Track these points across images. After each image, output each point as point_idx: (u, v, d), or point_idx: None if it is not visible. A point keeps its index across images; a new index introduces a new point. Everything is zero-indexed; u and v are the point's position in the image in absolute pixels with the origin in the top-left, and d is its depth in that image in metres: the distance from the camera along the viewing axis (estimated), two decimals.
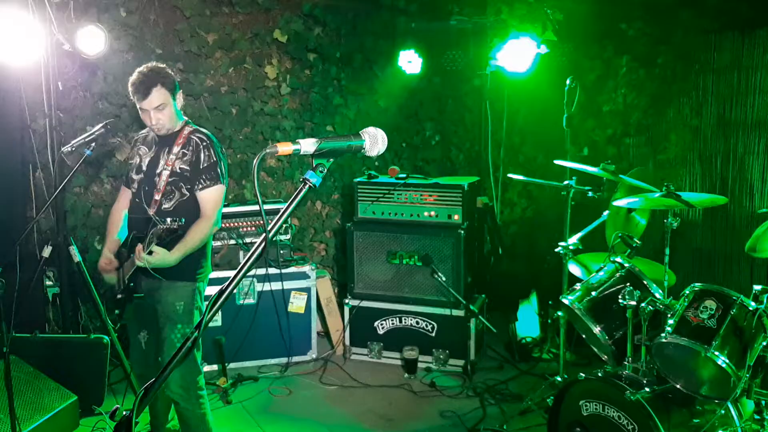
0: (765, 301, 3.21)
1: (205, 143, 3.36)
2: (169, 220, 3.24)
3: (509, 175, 4.93)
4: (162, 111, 3.29)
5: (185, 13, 5.27)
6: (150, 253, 3.12)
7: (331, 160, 1.48)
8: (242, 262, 1.44)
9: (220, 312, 4.88)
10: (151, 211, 3.34)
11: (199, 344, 3.39)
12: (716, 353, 2.99)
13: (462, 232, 4.97)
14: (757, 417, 3.35)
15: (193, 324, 3.35)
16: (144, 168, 3.44)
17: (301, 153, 1.44)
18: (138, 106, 3.32)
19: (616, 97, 5.40)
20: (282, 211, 1.43)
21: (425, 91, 6.02)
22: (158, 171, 3.37)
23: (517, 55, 4.96)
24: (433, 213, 5.08)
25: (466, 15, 5.31)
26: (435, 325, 5.02)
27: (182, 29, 5.29)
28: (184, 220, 3.27)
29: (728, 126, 4.88)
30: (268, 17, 5.57)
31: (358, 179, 5.26)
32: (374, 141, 1.54)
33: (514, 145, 6.08)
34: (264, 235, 1.39)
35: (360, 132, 1.54)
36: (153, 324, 3.41)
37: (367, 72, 5.88)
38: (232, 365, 4.91)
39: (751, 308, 3.15)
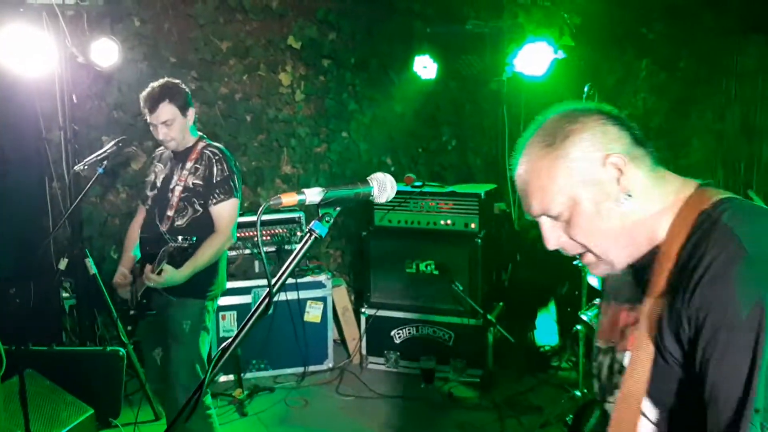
0: None
1: (217, 157, 3.34)
2: (180, 238, 3.22)
3: None
4: (170, 126, 3.27)
5: (199, 21, 5.25)
6: (159, 272, 3.10)
7: (339, 208, 1.44)
8: (249, 314, 1.40)
9: (235, 322, 4.92)
10: (163, 228, 3.32)
11: (204, 364, 3.35)
12: None
13: (479, 240, 4.91)
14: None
15: (198, 345, 3.33)
16: (158, 185, 3.43)
17: (307, 203, 1.40)
18: (148, 120, 3.31)
19: (636, 101, 5.30)
20: (287, 263, 1.39)
21: (441, 96, 5.95)
22: (171, 187, 3.35)
23: (534, 59, 4.88)
24: (449, 221, 5.02)
25: (482, 19, 5.23)
26: (452, 335, 4.97)
27: (196, 37, 5.27)
28: (195, 238, 3.24)
29: (752, 131, 4.77)
30: (281, 24, 5.53)
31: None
32: (383, 187, 1.49)
33: None
34: (267, 290, 1.35)
35: (368, 178, 1.49)
36: (165, 341, 3.40)
37: (382, 77, 5.82)
38: (247, 376, 4.90)
39: None
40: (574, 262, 4.13)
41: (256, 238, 5.02)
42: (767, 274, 1.17)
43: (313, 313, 5.09)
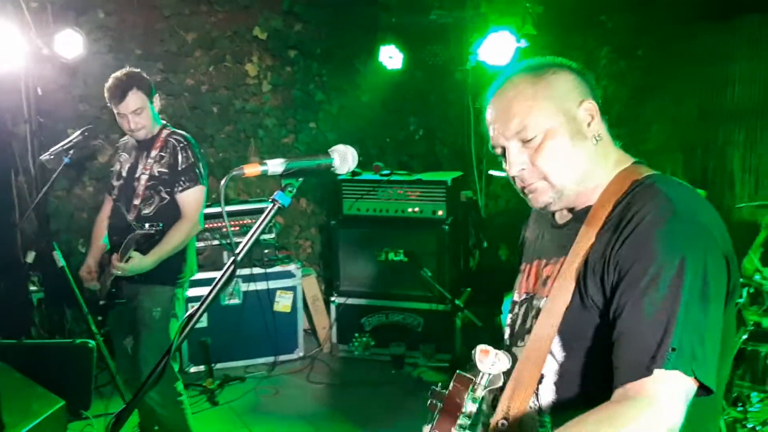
0: (744, 295, 3.25)
1: (182, 144, 3.35)
2: (147, 225, 3.24)
3: (490, 172, 4.94)
4: (140, 115, 3.28)
5: (164, 13, 5.24)
6: (127, 260, 3.12)
7: (301, 179, 1.48)
8: (215, 281, 1.44)
9: (205, 313, 4.92)
10: (130, 217, 3.33)
11: (175, 355, 3.39)
12: None
13: (446, 227, 4.98)
14: (739, 408, 3.39)
15: (169, 332, 3.35)
16: (124, 174, 3.43)
17: (269, 173, 1.44)
18: (115, 112, 3.31)
19: (597, 89, 5.40)
20: (250, 233, 1.43)
21: (408, 86, 6.01)
22: (137, 176, 3.36)
23: (498, 49, 4.95)
24: (417, 209, 5.09)
25: (445, 9, 5.29)
26: (421, 321, 5.04)
27: (161, 29, 5.26)
28: (162, 225, 3.27)
29: (708, 116, 4.90)
30: (247, 15, 5.54)
31: (342, 176, 5.22)
32: (344, 158, 1.54)
33: None
34: (232, 258, 1.40)
35: (329, 150, 1.54)
36: (135, 329, 3.41)
37: (349, 68, 5.86)
38: (218, 366, 4.91)
39: None
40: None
41: (224, 229, 5.04)
42: (691, 232, 1.28)
43: (283, 303, 5.12)
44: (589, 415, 1.23)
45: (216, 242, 5.04)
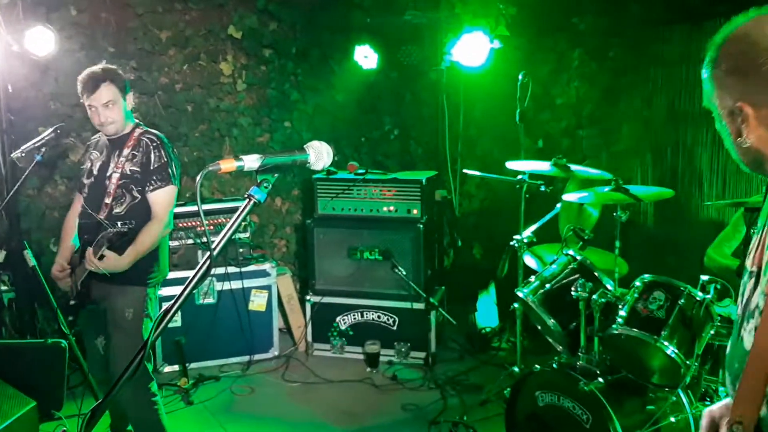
0: (711, 291, 3.31)
1: (155, 144, 3.34)
2: (119, 223, 3.23)
3: (464, 170, 4.98)
4: (111, 109, 3.26)
5: (137, 11, 5.20)
6: (101, 258, 3.10)
7: (276, 175, 1.50)
8: (190, 277, 1.45)
9: (179, 312, 4.90)
10: (101, 216, 3.31)
11: (149, 355, 3.37)
12: (665, 343, 3.07)
13: (421, 226, 5.02)
14: (707, 403, 3.47)
15: (142, 332, 3.34)
16: (95, 172, 3.41)
17: (245, 169, 1.45)
18: (86, 105, 3.29)
19: (569, 90, 5.48)
20: (226, 228, 1.44)
21: (383, 86, 6.04)
22: (108, 174, 3.34)
23: (471, 49, 5.00)
24: (392, 208, 5.12)
25: (420, 10, 5.32)
26: (396, 319, 5.07)
27: (134, 27, 5.22)
28: (134, 222, 3.26)
29: (678, 117, 4.99)
30: (221, 13, 5.52)
31: (317, 175, 5.26)
32: (319, 155, 1.56)
33: (472, 138, 6.13)
34: (208, 253, 1.40)
35: (305, 146, 1.56)
36: (107, 330, 3.38)
37: (324, 67, 5.87)
38: (193, 365, 4.89)
39: (698, 298, 3.25)
40: (513, 242, 4.27)
41: (199, 228, 5.02)
42: None
43: (257, 302, 5.11)
44: None
45: (190, 241, 5.02)
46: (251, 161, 1.45)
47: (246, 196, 1.46)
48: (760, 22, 1.37)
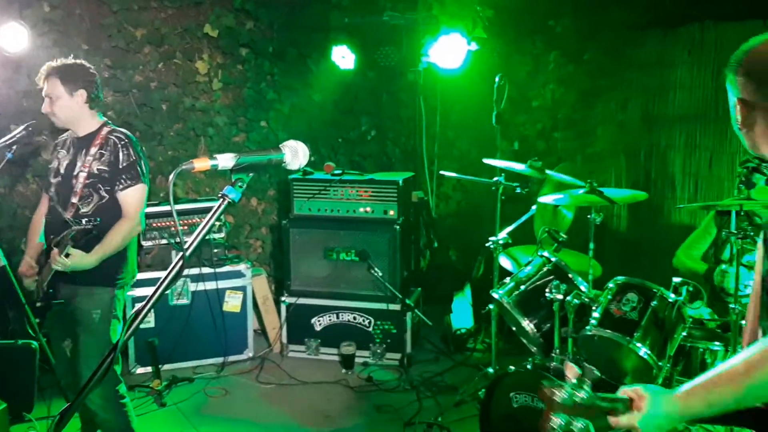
0: (684, 293, 3.36)
1: (123, 142, 3.30)
2: (84, 221, 3.19)
3: (441, 172, 4.99)
4: (52, 103, 3.27)
5: (112, 8, 5.13)
6: (67, 256, 3.06)
7: (251, 174, 1.48)
8: (162, 278, 1.43)
9: (152, 313, 4.86)
10: (68, 215, 3.26)
11: (118, 357, 3.32)
12: (638, 344, 3.10)
13: (398, 227, 5.01)
14: None
15: (110, 334, 3.29)
16: (62, 171, 3.36)
17: (219, 168, 1.44)
18: None
19: (545, 92, 5.53)
20: (199, 228, 1.42)
21: (360, 86, 6.03)
22: (75, 174, 3.30)
23: (449, 51, 5.02)
24: (369, 209, 5.11)
25: (398, 11, 5.33)
26: (372, 320, 5.06)
27: (109, 24, 5.15)
28: (100, 219, 3.22)
29: (652, 121, 5.05)
30: (198, 12, 5.47)
31: (293, 176, 5.24)
32: (295, 154, 1.55)
33: (449, 139, 6.15)
34: (181, 254, 1.39)
35: (280, 145, 1.55)
36: (74, 332, 3.33)
37: (301, 67, 5.84)
38: (166, 367, 4.84)
39: (670, 300, 3.29)
40: (488, 244, 4.29)
41: (173, 228, 4.97)
42: None
43: (232, 303, 5.08)
44: None
45: (164, 241, 4.96)
46: (225, 160, 1.43)
47: (220, 195, 1.44)
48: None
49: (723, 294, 3.69)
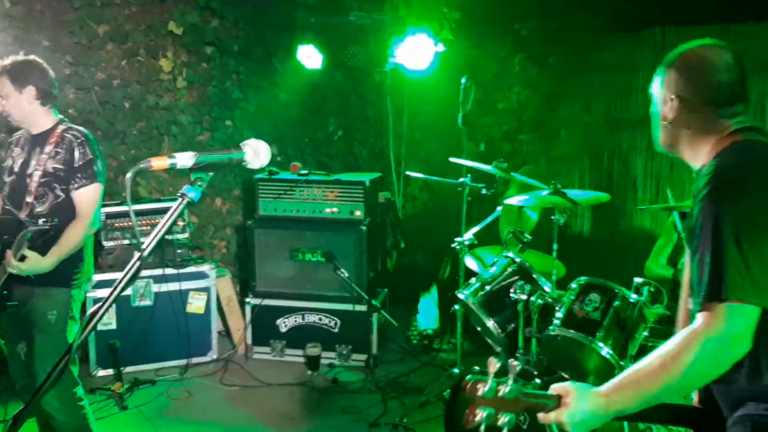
0: (645, 293, 3.40)
1: (79, 140, 3.23)
2: (41, 221, 3.12)
3: (408, 172, 5.00)
4: (5, 101, 3.21)
5: (73, 4, 5.04)
6: (22, 258, 2.99)
7: (211, 173, 1.46)
8: (119, 279, 1.40)
9: (114, 315, 4.78)
10: (23, 215, 3.19)
11: (75, 359, 3.27)
12: (600, 344, 3.14)
13: (364, 228, 5.00)
14: None
15: (66, 335, 3.23)
16: (16, 170, 3.29)
17: (178, 167, 1.41)
18: None
19: (511, 94, 5.57)
20: (158, 228, 1.40)
21: (327, 86, 6.00)
22: (29, 172, 3.23)
23: (415, 52, 5.02)
24: (335, 209, 5.09)
25: (364, 11, 5.31)
26: (338, 321, 5.04)
27: (71, 20, 5.06)
28: (57, 219, 3.15)
29: (615, 123, 5.12)
30: (162, 9, 5.40)
31: (259, 175, 5.20)
32: (256, 153, 1.53)
33: (416, 140, 6.17)
34: (139, 254, 1.36)
35: (241, 144, 1.52)
36: (29, 333, 3.25)
37: (267, 66, 5.80)
38: (128, 369, 4.76)
39: (632, 300, 3.34)
40: (454, 244, 4.30)
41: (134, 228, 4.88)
42: (731, 195, 1.65)
43: (196, 304, 5.01)
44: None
45: (126, 242, 4.88)
46: (184, 159, 1.41)
47: (179, 194, 1.42)
48: (706, 48, 1.87)
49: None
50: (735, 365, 1.59)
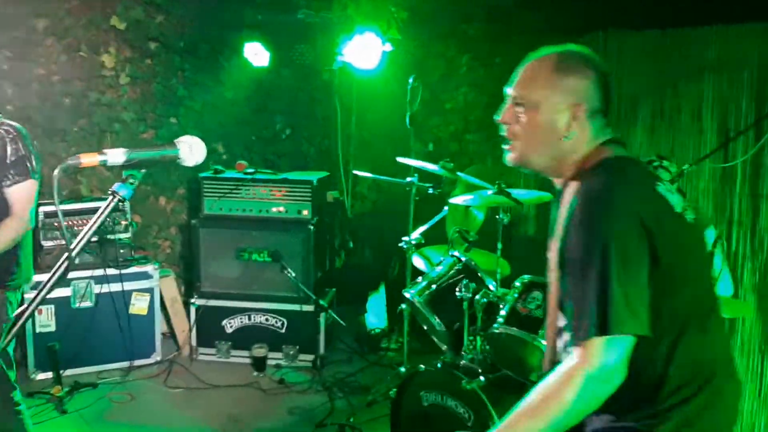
0: None
1: (11, 135, 3.13)
2: None
3: (355, 171, 4.99)
4: None
5: None
6: None
7: (143, 170, 1.42)
8: (45, 280, 1.35)
9: (53, 317, 4.64)
10: None
11: (11, 360, 3.16)
12: (543, 342, 3.18)
13: (312, 227, 4.98)
14: None
15: (2, 339, 3.12)
16: None
17: (109, 164, 1.38)
18: None
19: (458, 95, 5.60)
20: (87, 227, 1.37)
21: (275, 84, 5.94)
22: None
23: (363, 51, 5.01)
24: (282, 208, 5.05)
25: (312, 9, 5.28)
26: (285, 321, 5.01)
27: (9, 14, 4.89)
28: None
29: None
30: (104, 3, 5.26)
31: (204, 174, 5.12)
32: (191, 150, 1.50)
33: (365, 139, 6.16)
34: (66, 254, 1.32)
35: (176, 141, 1.49)
36: None
37: (213, 63, 5.71)
38: (68, 372, 4.63)
39: None
40: (402, 244, 4.31)
41: (76, 228, 4.76)
42: (600, 219, 1.61)
43: (138, 305, 4.91)
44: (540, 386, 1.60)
45: (65, 242, 4.75)
46: (115, 156, 1.37)
47: (110, 192, 1.38)
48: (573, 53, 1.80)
49: None
50: None
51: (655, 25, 4.54)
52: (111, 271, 4.78)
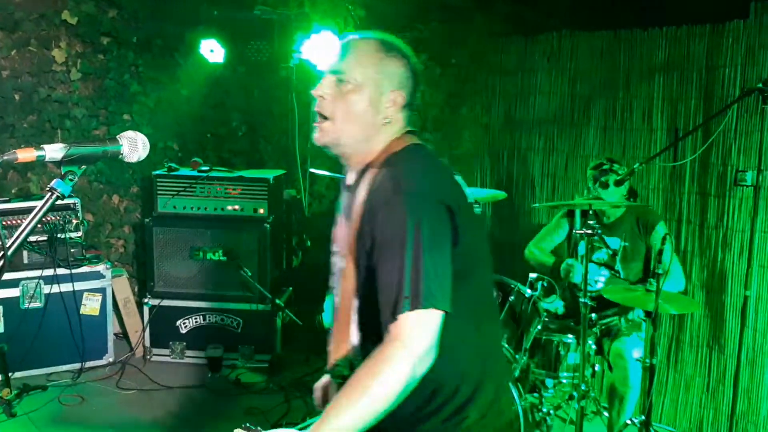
0: (539, 288, 3.52)
1: None
2: None
3: (311, 170, 4.96)
4: None
5: None
6: None
7: (84, 167, 1.39)
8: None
9: (1, 318, 4.53)
10: None
11: None
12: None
13: (268, 225, 4.94)
14: (536, 394, 3.66)
15: None
16: None
17: (47, 160, 1.34)
18: None
19: (418, 91, 5.61)
20: (24, 225, 1.32)
21: (231, 81, 5.88)
22: None
23: (321, 49, 4.99)
24: (237, 207, 5.00)
25: (269, 5, 5.23)
26: (241, 321, 4.96)
27: None
28: None
29: (513, 124, 5.25)
30: None
31: (157, 172, 5.04)
32: (133, 146, 1.47)
33: None
34: (1, 254, 1.28)
35: (117, 136, 1.46)
36: None
37: (167, 59, 5.63)
38: (17, 374, 4.52)
39: (526, 295, 3.44)
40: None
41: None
42: (411, 203, 1.60)
43: (90, 306, 4.82)
44: (359, 369, 1.55)
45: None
46: (54, 151, 1.34)
47: (48, 189, 1.34)
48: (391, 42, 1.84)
49: (575, 289, 3.89)
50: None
51: (608, 26, 4.62)
52: (61, 271, 4.68)
